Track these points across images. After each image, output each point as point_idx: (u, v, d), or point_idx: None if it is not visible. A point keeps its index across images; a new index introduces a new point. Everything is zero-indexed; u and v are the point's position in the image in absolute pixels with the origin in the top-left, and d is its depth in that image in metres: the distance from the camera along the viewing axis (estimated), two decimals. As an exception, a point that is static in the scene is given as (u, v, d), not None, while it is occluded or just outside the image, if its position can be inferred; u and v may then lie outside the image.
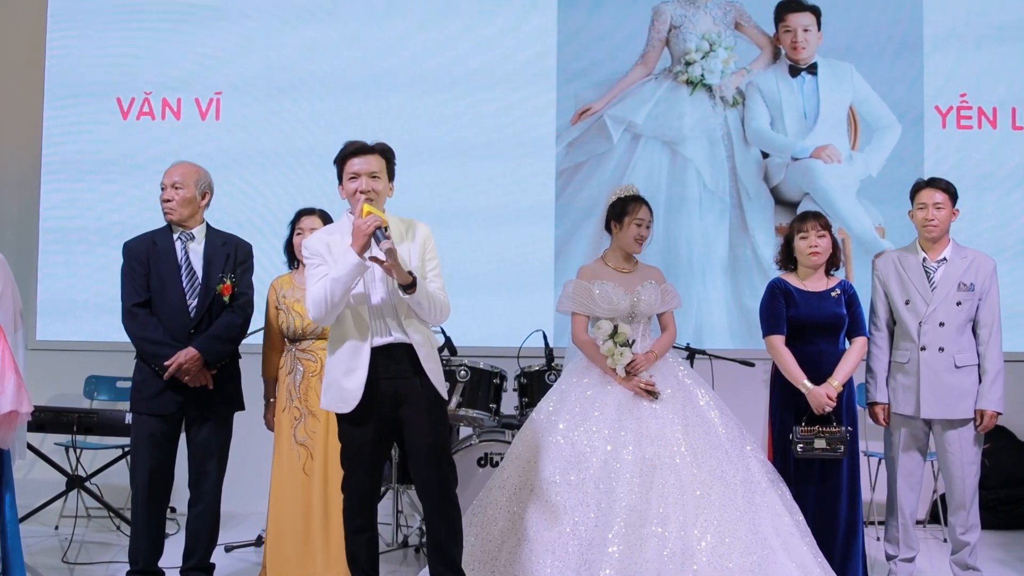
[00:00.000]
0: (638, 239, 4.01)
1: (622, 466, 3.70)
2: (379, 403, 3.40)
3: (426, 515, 3.51)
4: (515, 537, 3.76)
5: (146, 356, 3.84)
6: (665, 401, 3.86)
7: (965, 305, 3.99)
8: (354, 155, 3.44)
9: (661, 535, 3.59)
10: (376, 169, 3.42)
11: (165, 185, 3.92)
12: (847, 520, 3.98)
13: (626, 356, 3.86)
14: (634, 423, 3.79)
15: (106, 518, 5.26)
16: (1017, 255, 5.73)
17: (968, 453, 4.01)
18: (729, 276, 5.77)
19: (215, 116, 5.91)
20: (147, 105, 5.92)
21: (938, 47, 5.77)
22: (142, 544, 3.85)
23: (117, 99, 5.92)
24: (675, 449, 3.74)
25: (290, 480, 4.06)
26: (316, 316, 3.34)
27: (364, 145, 3.47)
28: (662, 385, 3.89)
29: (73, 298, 5.90)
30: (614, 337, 3.89)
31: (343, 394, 3.39)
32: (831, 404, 3.92)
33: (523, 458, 3.88)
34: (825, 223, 4.05)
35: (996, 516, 5.45)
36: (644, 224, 4.01)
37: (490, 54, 5.89)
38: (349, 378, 3.38)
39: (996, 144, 5.76)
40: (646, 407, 3.84)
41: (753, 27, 5.84)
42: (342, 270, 3.29)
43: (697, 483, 3.70)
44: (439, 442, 3.45)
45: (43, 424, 4.92)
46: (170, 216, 3.92)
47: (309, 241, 3.48)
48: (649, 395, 3.85)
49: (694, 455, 3.76)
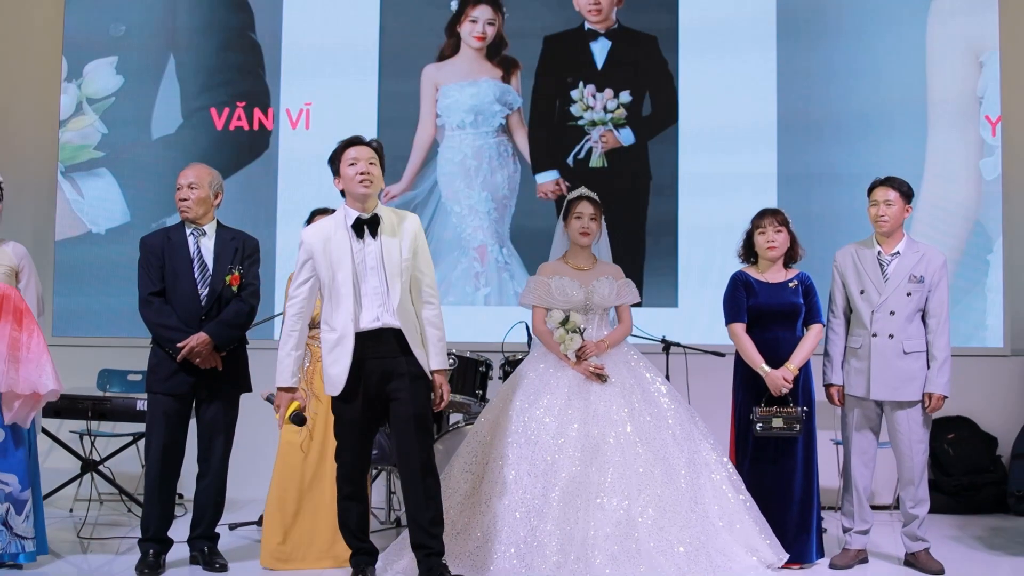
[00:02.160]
0: (582, 232, 4.35)
1: (567, 441, 4.05)
2: (367, 381, 3.74)
3: (404, 483, 3.82)
4: (471, 506, 4.11)
5: (161, 340, 4.19)
6: (614, 385, 4.19)
7: (915, 296, 4.32)
8: (351, 145, 3.80)
9: (602, 506, 3.93)
10: (372, 157, 3.79)
11: (181, 185, 4.27)
12: (801, 496, 4.29)
13: (576, 341, 4.20)
14: (582, 403, 4.14)
15: (118, 502, 5.57)
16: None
17: (916, 433, 4.32)
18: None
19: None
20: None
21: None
22: (154, 514, 4.19)
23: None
24: (620, 429, 4.08)
25: (288, 457, 4.36)
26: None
27: (360, 138, 3.85)
28: (613, 371, 4.22)
29: (87, 296, 6.23)
30: (565, 324, 4.23)
31: (330, 380, 3.77)
32: (788, 386, 4.25)
33: (482, 434, 4.24)
34: (783, 219, 4.38)
35: (958, 501, 5.75)
36: (584, 217, 4.35)
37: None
38: (334, 367, 3.75)
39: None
40: (595, 390, 4.18)
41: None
42: (280, 369, 3.86)
43: (640, 461, 4.04)
44: (421, 414, 3.79)
45: (59, 410, 5.22)
46: (186, 214, 4.27)
47: (306, 235, 3.82)
48: (598, 378, 4.19)
49: (639, 435, 4.09)
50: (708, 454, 4.22)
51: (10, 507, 4.07)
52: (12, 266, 4.21)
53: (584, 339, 4.23)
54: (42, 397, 4.09)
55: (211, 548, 4.28)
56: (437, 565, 3.77)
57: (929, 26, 6.16)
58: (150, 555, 4.16)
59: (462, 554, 4.01)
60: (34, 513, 4.14)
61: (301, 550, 4.28)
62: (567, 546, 3.87)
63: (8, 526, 4.07)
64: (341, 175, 3.81)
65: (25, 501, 4.11)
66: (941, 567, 4.26)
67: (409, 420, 3.76)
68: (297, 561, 4.27)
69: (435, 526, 3.79)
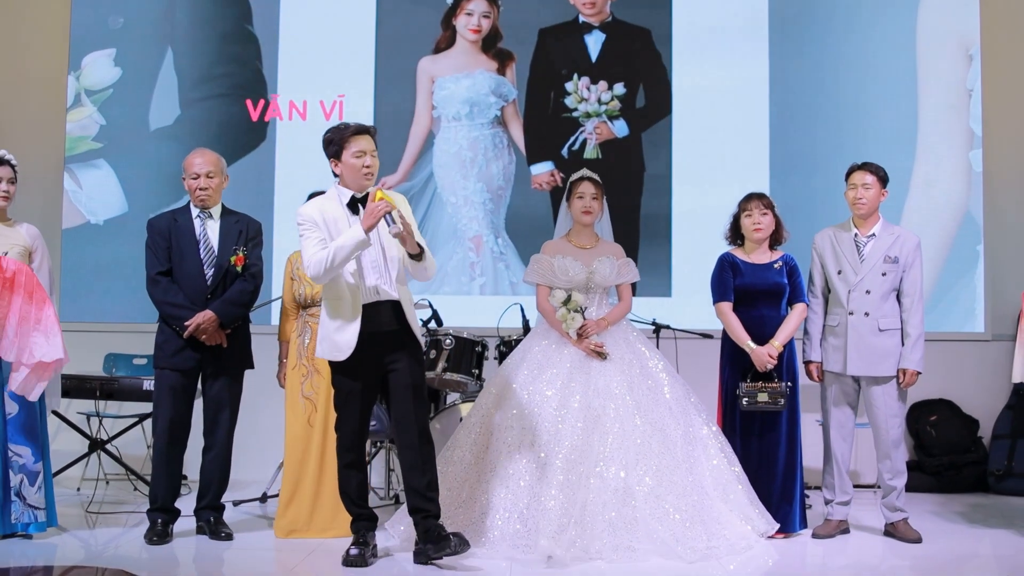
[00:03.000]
0: (584, 211, 4.52)
1: (569, 412, 4.22)
2: (367, 352, 3.88)
3: (401, 450, 3.98)
4: (476, 474, 4.27)
5: (168, 318, 4.36)
6: (614, 361, 4.36)
7: (890, 276, 4.50)
8: (357, 134, 3.90)
9: (601, 474, 4.10)
10: (375, 150, 3.92)
11: (198, 174, 4.40)
12: (785, 468, 4.48)
13: (577, 320, 4.37)
14: (583, 378, 4.31)
15: (125, 481, 5.72)
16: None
17: (891, 407, 4.49)
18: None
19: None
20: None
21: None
22: (162, 484, 4.37)
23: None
24: (620, 402, 4.25)
25: (296, 430, 4.54)
26: (314, 276, 3.83)
27: (365, 126, 3.94)
28: (613, 348, 4.39)
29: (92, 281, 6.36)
30: (567, 304, 4.40)
31: (336, 346, 3.88)
32: (772, 362, 4.43)
33: (487, 406, 4.40)
34: (768, 203, 4.57)
35: (941, 481, 5.93)
36: (587, 197, 4.51)
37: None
38: (341, 333, 3.87)
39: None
40: (596, 365, 4.35)
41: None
42: (347, 241, 3.76)
43: (639, 433, 4.21)
44: (418, 383, 3.96)
45: (68, 390, 5.37)
46: (206, 202, 4.43)
47: (304, 209, 3.95)
48: (598, 356, 4.36)
49: (638, 408, 4.27)
50: (702, 427, 4.40)
51: (24, 478, 4.24)
52: (26, 246, 4.37)
53: (585, 318, 4.40)
54: (49, 367, 4.22)
55: (217, 518, 4.45)
56: (435, 527, 3.91)
57: (920, 19, 6.28)
58: (158, 524, 4.34)
59: (467, 523, 4.16)
60: (44, 486, 4.31)
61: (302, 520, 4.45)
62: (568, 511, 4.03)
63: (21, 496, 4.24)
64: (342, 161, 3.91)
65: (37, 473, 4.28)
66: (919, 536, 4.44)
67: (407, 389, 3.92)
68: (301, 531, 4.45)
69: (431, 491, 3.95)
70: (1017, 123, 6.26)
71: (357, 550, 3.96)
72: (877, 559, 4.30)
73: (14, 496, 4.22)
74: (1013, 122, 6.25)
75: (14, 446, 4.25)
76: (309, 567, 4.04)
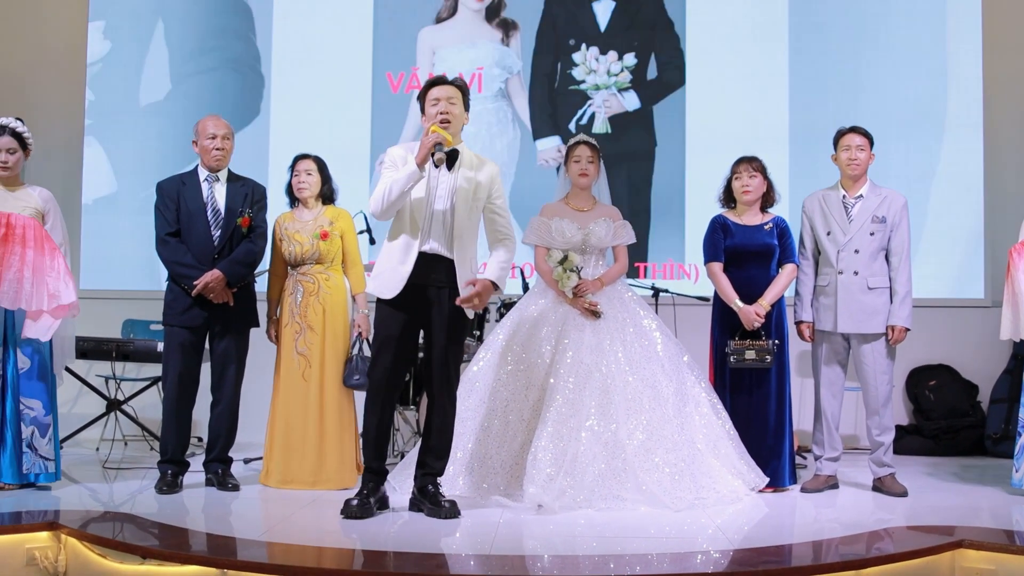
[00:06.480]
0: (581, 173, 4.64)
1: (562, 367, 4.36)
2: (414, 300, 3.97)
3: (430, 407, 4.10)
4: (473, 427, 4.44)
5: (177, 277, 4.53)
6: (608, 319, 4.49)
7: (877, 235, 4.59)
8: (434, 85, 4.04)
9: (592, 428, 4.23)
10: (453, 96, 4.01)
11: (215, 135, 4.57)
12: (775, 424, 4.60)
13: (573, 279, 4.50)
14: (577, 334, 4.44)
15: (141, 441, 5.95)
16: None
17: (880, 364, 4.59)
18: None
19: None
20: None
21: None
22: (171, 437, 4.55)
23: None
24: (612, 358, 4.38)
25: (290, 385, 4.68)
26: (374, 210, 3.95)
27: (443, 77, 4.08)
28: (607, 307, 4.51)
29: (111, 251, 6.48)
30: (563, 263, 4.53)
31: (388, 283, 3.97)
32: (760, 320, 4.54)
33: (485, 359, 4.56)
34: (758, 166, 4.66)
35: (939, 444, 6.02)
36: (583, 160, 4.62)
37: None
38: (395, 271, 3.95)
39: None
40: (590, 323, 4.47)
41: None
42: (401, 175, 3.89)
43: (631, 389, 4.34)
44: (457, 346, 4.07)
45: (86, 352, 5.60)
46: (220, 163, 4.60)
47: (391, 150, 4.08)
48: (593, 315, 4.48)
49: (630, 364, 4.39)
50: (695, 385, 4.52)
51: (35, 430, 4.45)
52: (38, 208, 4.53)
53: (580, 277, 4.52)
54: (66, 308, 4.43)
55: (224, 470, 4.63)
56: (432, 483, 4.07)
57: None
58: (168, 475, 4.52)
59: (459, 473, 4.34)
60: (53, 439, 4.51)
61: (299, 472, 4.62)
62: (559, 462, 4.16)
63: (33, 448, 4.44)
64: (425, 113, 4.05)
65: (48, 425, 4.49)
66: (905, 490, 4.54)
67: (446, 348, 4.02)
68: (298, 482, 4.61)
69: (442, 453, 4.09)
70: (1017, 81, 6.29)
71: (358, 501, 4.03)
72: (865, 512, 4.39)
73: (26, 447, 4.42)
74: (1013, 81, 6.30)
75: (26, 399, 4.45)
76: (311, 514, 4.15)
